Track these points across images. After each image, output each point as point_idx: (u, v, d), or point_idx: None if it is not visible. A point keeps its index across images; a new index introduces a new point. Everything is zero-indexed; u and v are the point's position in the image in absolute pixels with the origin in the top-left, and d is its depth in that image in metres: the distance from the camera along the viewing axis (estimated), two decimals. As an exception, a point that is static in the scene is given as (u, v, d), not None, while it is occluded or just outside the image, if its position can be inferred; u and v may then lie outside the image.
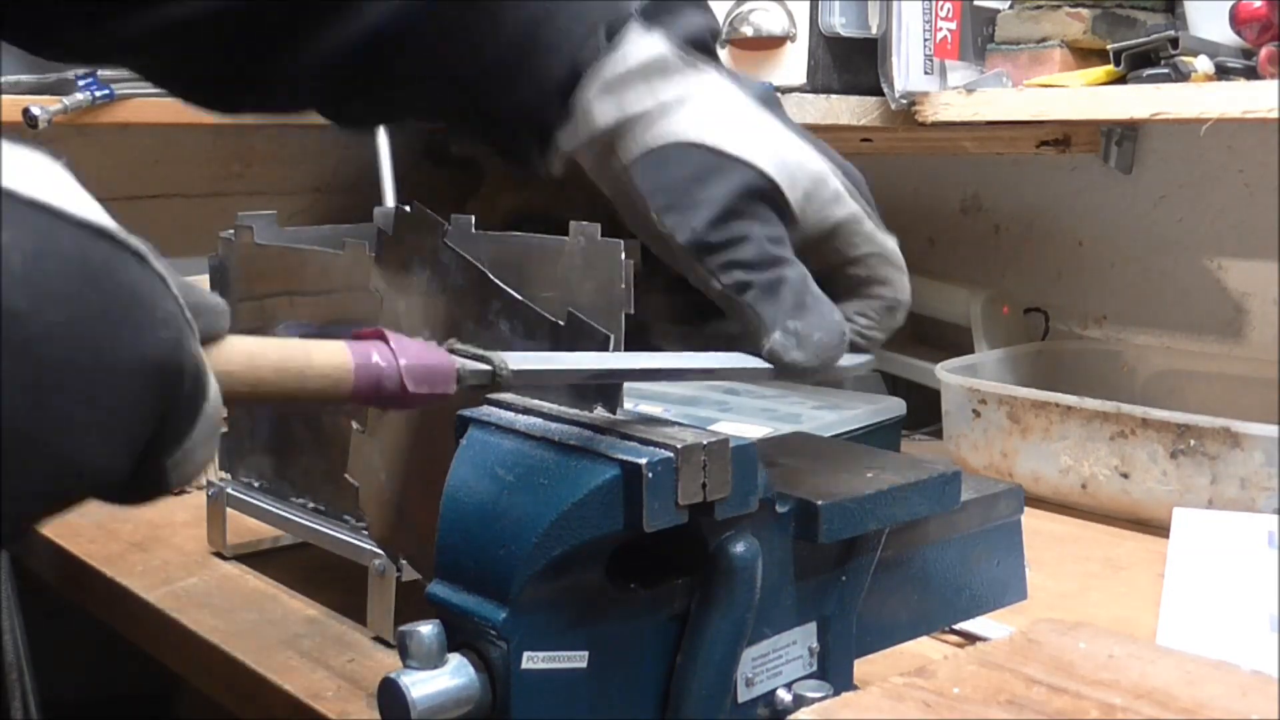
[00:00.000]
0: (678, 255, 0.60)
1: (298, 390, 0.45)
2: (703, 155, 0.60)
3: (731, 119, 0.61)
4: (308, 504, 0.94)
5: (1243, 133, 1.28)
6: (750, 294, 0.59)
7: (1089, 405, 1.09)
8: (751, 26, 1.20)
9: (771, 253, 0.59)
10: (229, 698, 0.86)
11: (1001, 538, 0.69)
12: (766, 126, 0.62)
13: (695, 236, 0.59)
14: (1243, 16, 1.07)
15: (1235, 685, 0.52)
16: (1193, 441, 1.03)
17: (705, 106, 0.61)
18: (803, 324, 0.59)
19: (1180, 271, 1.38)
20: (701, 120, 0.60)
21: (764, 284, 0.59)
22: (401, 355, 0.47)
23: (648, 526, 0.50)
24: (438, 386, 0.48)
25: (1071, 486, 1.11)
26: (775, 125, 0.62)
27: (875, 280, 0.64)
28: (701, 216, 0.59)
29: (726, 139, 0.60)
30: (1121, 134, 1.38)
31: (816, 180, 0.61)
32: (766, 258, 0.59)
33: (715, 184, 0.59)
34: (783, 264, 0.59)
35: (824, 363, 0.59)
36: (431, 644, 0.51)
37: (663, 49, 0.61)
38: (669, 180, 0.60)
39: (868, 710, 0.50)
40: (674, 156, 0.60)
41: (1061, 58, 1.18)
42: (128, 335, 0.38)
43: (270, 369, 0.45)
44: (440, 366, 0.48)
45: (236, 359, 0.44)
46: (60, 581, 1.08)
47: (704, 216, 0.59)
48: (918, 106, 1.18)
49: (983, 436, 1.16)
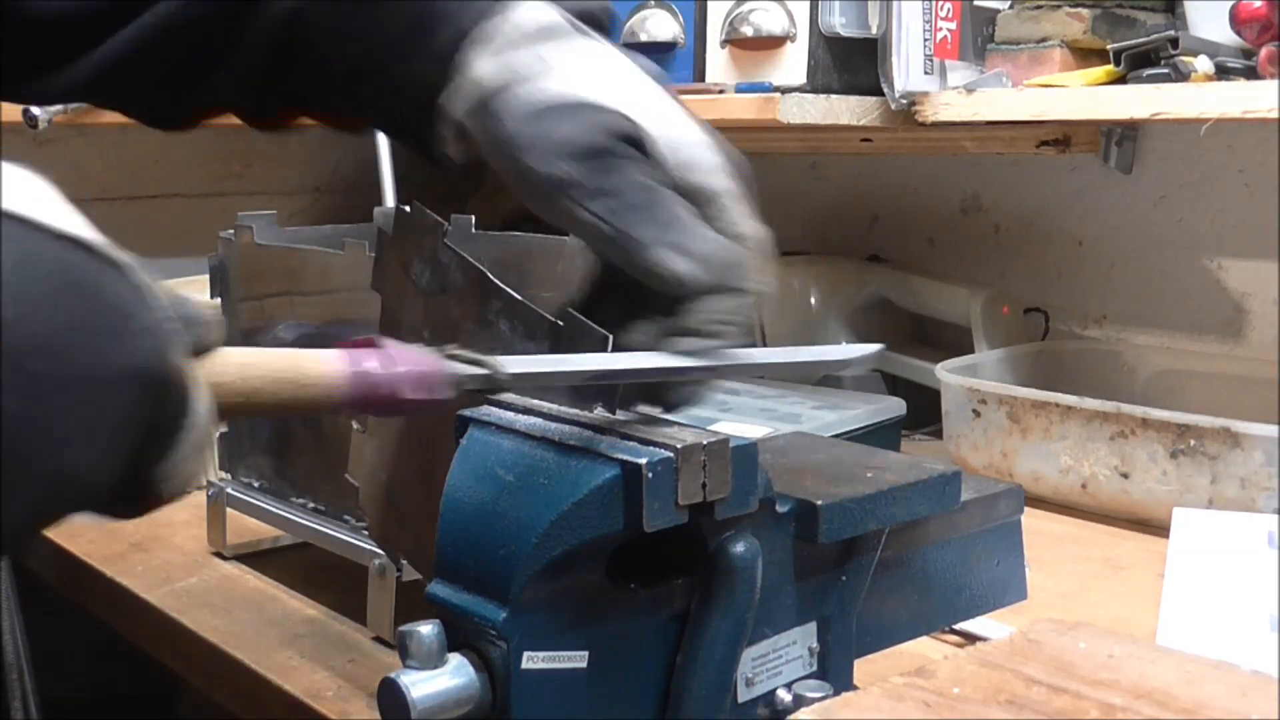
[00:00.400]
0: (549, 197, 0.58)
1: (291, 401, 0.46)
2: (581, 107, 0.59)
3: (616, 81, 0.60)
4: (308, 504, 0.94)
5: (1243, 133, 1.28)
6: (623, 218, 0.56)
7: (1089, 405, 1.09)
8: (751, 26, 1.20)
9: (640, 180, 0.57)
10: (229, 698, 0.86)
11: (1001, 538, 0.69)
12: (651, 93, 0.60)
13: (564, 170, 0.57)
14: (1243, 16, 1.07)
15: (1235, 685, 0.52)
16: (1193, 441, 1.03)
17: (590, 68, 0.60)
18: (686, 237, 0.56)
19: (1180, 271, 1.38)
20: (585, 79, 0.60)
21: (635, 203, 0.56)
22: (396, 363, 0.47)
23: (648, 526, 0.50)
24: (433, 393, 0.48)
25: (1071, 486, 1.11)
26: (661, 95, 0.61)
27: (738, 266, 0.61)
28: (570, 151, 0.57)
29: (608, 96, 0.59)
30: (1121, 134, 1.38)
31: (695, 148, 0.60)
32: (635, 184, 0.56)
33: (589, 127, 0.58)
34: (654, 190, 0.57)
35: (720, 276, 0.56)
36: (431, 644, 0.51)
37: (554, 15, 0.61)
38: (542, 128, 0.58)
39: (868, 710, 0.50)
40: (552, 109, 0.59)
41: (1061, 58, 1.18)
42: (108, 346, 0.39)
43: (263, 380, 0.45)
44: (435, 373, 0.48)
45: (229, 371, 0.44)
46: (60, 581, 1.08)
47: (572, 150, 0.57)
48: (918, 106, 1.18)
49: (983, 436, 1.16)
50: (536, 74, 0.60)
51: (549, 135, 0.58)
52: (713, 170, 0.59)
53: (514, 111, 0.59)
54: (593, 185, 0.56)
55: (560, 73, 0.60)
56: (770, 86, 1.18)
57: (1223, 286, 1.35)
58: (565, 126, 0.58)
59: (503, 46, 0.61)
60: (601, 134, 0.57)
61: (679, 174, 0.59)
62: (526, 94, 0.59)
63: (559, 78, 0.60)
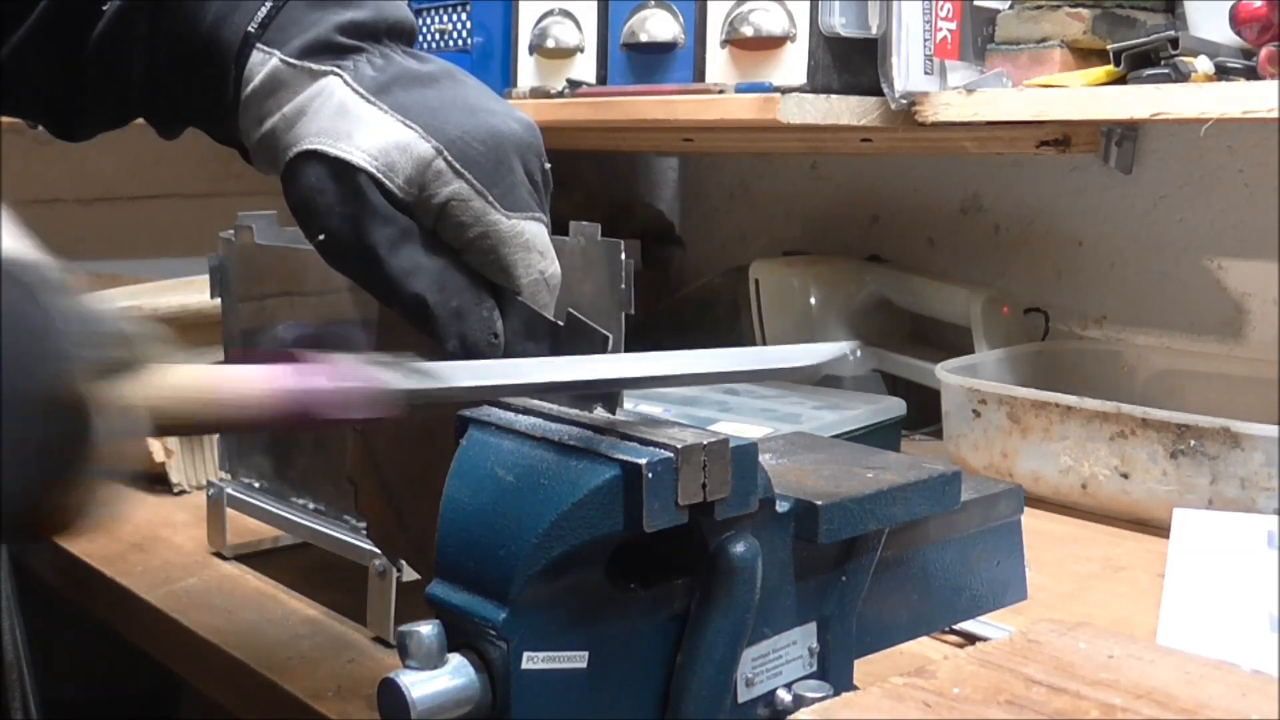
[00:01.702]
0: (333, 265, 0.63)
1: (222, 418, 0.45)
2: (317, 164, 0.62)
3: (339, 121, 0.62)
4: (308, 504, 0.94)
5: (1243, 133, 1.28)
6: (393, 284, 0.60)
7: (1089, 405, 1.09)
8: (751, 26, 1.20)
9: (388, 238, 0.60)
10: (229, 698, 0.86)
11: (1001, 538, 0.69)
12: (368, 119, 0.62)
13: (327, 245, 0.62)
14: (1243, 16, 1.07)
15: (1235, 685, 0.52)
16: (1193, 441, 1.03)
17: (318, 113, 0.62)
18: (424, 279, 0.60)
19: (1180, 271, 1.38)
20: (315, 128, 0.62)
21: (394, 273, 0.60)
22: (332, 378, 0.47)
23: (648, 526, 0.50)
24: (372, 410, 0.48)
25: (1071, 486, 1.11)
26: (379, 116, 0.62)
27: (496, 267, 0.62)
28: (327, 225, 0.61)
29: (331, 143, 0.61)
30: (1121, 134, 1.38)
31: (417, 163, 0.61)
32: (369, 251, 0.60)
33: (330, 191, 0.61)
34: (401, 247, 0.60)
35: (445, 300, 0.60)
36: (431, 644, 0.51)
37: (275, 65, 0.63)
38: (299, 195, 0.62)
39: (868, 710, 0.50)
40: (299, 169, 0.62)
41: (1061, 58, 1.17)
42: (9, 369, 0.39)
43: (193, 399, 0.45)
44: (372, 390, 0.48)
45: (161, 389, 0.44)
46: (60, 581, 1.08)
47: (329, 225, 0.61)
48: (918, 106, 1.18)
49: (983, 436, 1.16)
50: (280, 132, 0.63)
51: (308, 209, 0.62)
52: (436, 179, 0.61)
53: (281, 173, 0.64)
54: (354, 265, 0.62)
55: (297, 126, 0.63)
56: (770, 86, 1.18)
57: (1223, 286, 1.35)
58: (318, 200, 0.61)
59: (249, 104, 0.64)
60: (343, 200, 0.61)
61: (413, 201, 0.61)
62: (281, 153, 0.63)
63: (296, 132, 0.63)
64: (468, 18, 1.45)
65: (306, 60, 0.63)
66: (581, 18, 1.35)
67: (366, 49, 0.64)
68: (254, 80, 0.64)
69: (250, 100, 0.64)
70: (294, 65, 0.63)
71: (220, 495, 1.01)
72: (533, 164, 0.63)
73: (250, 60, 0.64)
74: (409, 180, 0.61)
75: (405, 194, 0.61)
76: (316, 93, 0.63)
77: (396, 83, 0.63)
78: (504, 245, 0.61)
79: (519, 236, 0.62)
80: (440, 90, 0.63)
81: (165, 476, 1.20)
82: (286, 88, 0.63)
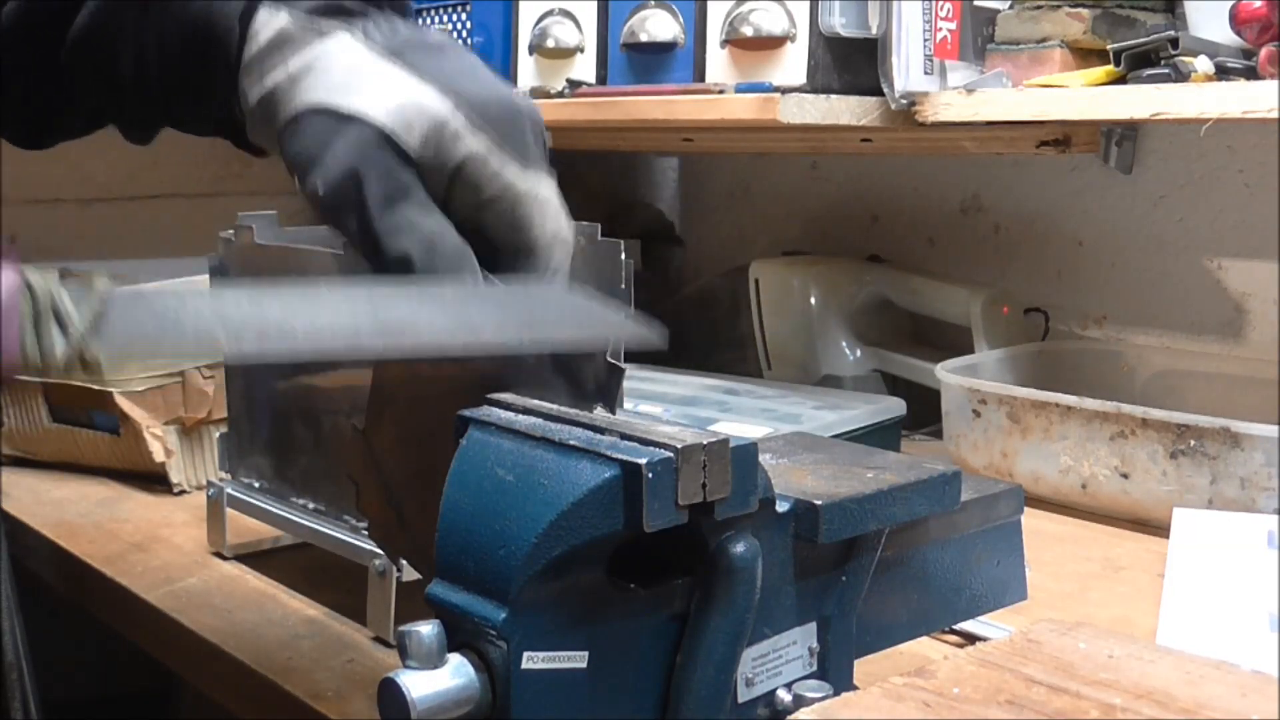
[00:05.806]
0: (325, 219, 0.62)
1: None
2: (325, 119, 0.61)
3: (351, 77, 0.62)
4: (308, 504, 0.94)
5: (1243, 133, 1.28)
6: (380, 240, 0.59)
7: (1089, 405, 1.09)
8: (751, 26, 1.20)
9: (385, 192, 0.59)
10: (229, 698, 0.86)
11: (1001, 538, 0.69)
12: (385, 75, 0.62)
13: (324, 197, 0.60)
14: (1243, 16, 1.07)
15: (1235, 685, 0.52)
16: (1193, 441, 1.03)
17: (328, 69, 0.62)
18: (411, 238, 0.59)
19: (1180, 271, 1.38)
20: (324, 84, 0.62)
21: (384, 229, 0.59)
22: None
23: (648, 526, 0.50)
24: None
25: (1071, 486, 1.11)
26: (395, 73, 0.62)
27: (511, 226, 0.62)
28: (327, 176, 0.60)
29: (344, 98, 0.61)
30: (1121, 134, 1.38)
31: (434, 121, 0.61)
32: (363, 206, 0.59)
33: (337, 144, 0.60)
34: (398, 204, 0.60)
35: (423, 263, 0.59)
36: (431, 644, 0.51)
37: (284, 22, 0.63)
38: (301, 147, 0.61)
39: (868, 710, 0.50)
40: (305, 124, 0.61)
41: (1061, 58, 1.18)
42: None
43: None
44: None
45: None
46: (60, 581, 1.08)
47: (328, 176, 0.60)
48: (918, 106, 1.18)
49: (983, 436, 1.16)
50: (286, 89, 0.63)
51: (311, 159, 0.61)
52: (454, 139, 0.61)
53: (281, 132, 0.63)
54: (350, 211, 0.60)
55: (305, 83, 0.62)
56: (770, 86, 1.18)
57: (1223, 286, 1.35)
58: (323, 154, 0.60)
59: (252, 64, 0.64)
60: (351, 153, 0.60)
61: (427, 160, 0.61)
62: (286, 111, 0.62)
63: (305, 89, 0.62)
64: (468, 18, 1.45)
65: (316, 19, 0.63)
66: (581, 18, 1.35)
67: (372, 15, 0.64)
68: (260, 37, 0.63)
69: (254, 60, 0.63)
70: (303, 23, 0.63)
71: (220, 495, 1.01)
72: (539, 133, 0.63)
73: (257, 18, 0.63)
74: (424, 142, 0.60)
75: (419, 155, 0.60)
76: (325, 50, 0.62)
77: (407, 46, 0.63)
78: (521, 203, 0.62)
79: (535, 192, 0.62)
80: (448, 57, 0.63)
81: (165, 476, 1.20)
82: (293, 44, 0.63)
